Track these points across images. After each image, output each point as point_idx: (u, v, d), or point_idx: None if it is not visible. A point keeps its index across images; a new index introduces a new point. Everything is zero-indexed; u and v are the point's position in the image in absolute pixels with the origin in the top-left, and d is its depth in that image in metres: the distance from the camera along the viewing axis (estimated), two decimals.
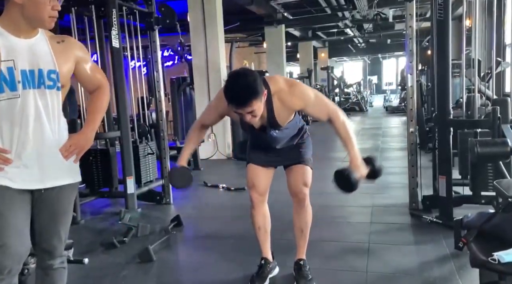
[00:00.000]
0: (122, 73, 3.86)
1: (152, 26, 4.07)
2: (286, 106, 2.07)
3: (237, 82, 1.90)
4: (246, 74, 1.93)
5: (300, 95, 2.05)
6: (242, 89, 1.88)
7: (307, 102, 2.06)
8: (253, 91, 1.88)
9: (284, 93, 2.05)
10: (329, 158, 6.76)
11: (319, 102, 2.08)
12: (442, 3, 2.97)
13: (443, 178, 3.12)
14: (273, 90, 2.03)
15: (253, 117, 1.95)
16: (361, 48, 20.27)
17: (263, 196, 2.38)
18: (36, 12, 1.43)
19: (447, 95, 3.05)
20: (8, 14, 1.45)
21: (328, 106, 2.08)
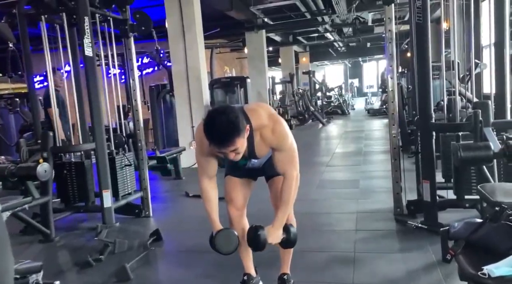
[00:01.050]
0: (96, 82, 3.73)
1: (126, 33, 3.95)
2: (266, 143, 2.01)
3: (218, 121, 1.79)
4: (226, 112, 1.82)
5: (279, 136, 1.99)
6: (224, 128, 1.77)
7: (281, 146, 2.01)
8: (236, 129, 1.79)
9: (266, 130, 1.98)
10: (313, 163, 6.70)
11: (289, 154, 2.03)
12: (421, 7, 2.94)
13: (427, 182, 3.08)
14: (255, 125, 1.96)
15: (236, 155, 1.87)
16: (341, 52, 20.45)
17: (241, 210, 2.28)
18: None
19: (428, 98, 3.01)
20: None
21: (292, 164, 2.03)
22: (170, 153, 5.63)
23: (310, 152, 7.96)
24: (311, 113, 13.38)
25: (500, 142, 2.63)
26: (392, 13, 3.37)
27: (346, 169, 6.05)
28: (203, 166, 2.09)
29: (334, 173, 5.81)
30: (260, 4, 8.67)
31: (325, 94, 16.80)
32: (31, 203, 3.30)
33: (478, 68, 4.12)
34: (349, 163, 6.52)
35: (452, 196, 3.20)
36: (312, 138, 10.46)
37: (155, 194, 4.87)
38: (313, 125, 12.98)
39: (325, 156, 7.43)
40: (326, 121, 13.22)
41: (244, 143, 1.86)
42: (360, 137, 9.45)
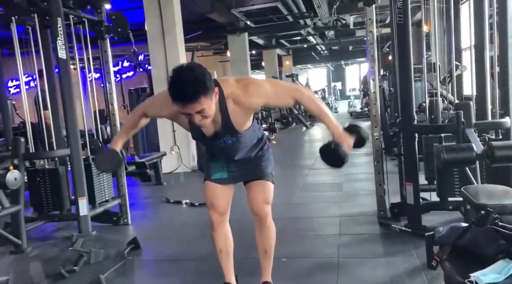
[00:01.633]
0: (70, 86, 3.58)
1: (102, 35, 3.82)
2: (244, 108, 1.88)
3: (183, 76, 1.66)
4: (193, 67, 1.69)
5: (256, 93, 1.87)
6: (189, 83, 1.63)
7: (267, 96, 1.89)
8: (202, 86, 1.65)
9: (239, 96, 1.85)
10: (296, 166, 6.65)
11: (279, 90, 1.92)
12: (402, 7, 2.91)
13: (410, 185, 3.04)
14: (226, 93, 1.84)
15: (203, 119, 1.73)
16: (324, 55, 20.56)
17: (224, 215, 2.19)
18: None
19: (410, 100, 2.98)
20: None
21: (288, 89, 1.95)
22: (150, 158, 5.49)
23: (293, 155, 7.91)
24: (295, 116, 13.37)
25: (482, 143, 2.61)
26: (373, 14, 3.33)
27: (329, 172, 6.00)
28: (151, 106, 2.05)
29: (317, 176, 5.76)
30: (242, 7, 8.61)
31: None
32: (1, 212, 3.14)
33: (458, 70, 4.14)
34: None
35: (436, 199, 3.17)
36: (295, 142, 10.44)
37: (134, 200, 4.73)
38: (297, 128, 12.96)
39: (309, 159, 7.39)
40: (310, 124, 13.22)
41: (212, 107, 1.73)
42: None
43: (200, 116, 1.71)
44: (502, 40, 2.97)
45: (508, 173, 2.80)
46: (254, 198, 2.14)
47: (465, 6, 5.05)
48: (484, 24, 3.08)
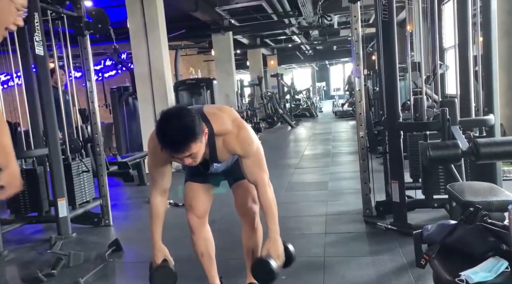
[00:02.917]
0: (48, 84, 3.47)
1: (82, 31, 3.71)
2: (229, 149, 1.88)
3: (171, 124, 1.64)
4: (180, 114, 1.66)
5: (243, 142, 1.87)
6: (178, 133, 1.63)
7: (248, 152, 1.89)
8: (191, 133, 1.64)
9: (230, 137, 1.86)
10: (282, 165, 6.61)
11: (257, 158, 1.92)
12: (387, 4, 2.89)
13: (395, 182, 3.03)
14: (217, 130, 1.83)
15: (193, 161, 1.73)
16: (309, 55, 20.61)
17: (203, 218, 2.13)
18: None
19: (395, 97, 2.97)
20: None
21: (261, 169, 1.93)
22: (132, 158, 5.38)
23: (279, 154, 7.88)
24: (280, 116, 13.36)
25: (467, 140, 2.61)
26: (358, 11, 3.32)
27: (315, 171, 5.99)
28: (156, 179, 1.94)
29: (303, 175, 5.74)
30: (226, 5, 8.54)
31: (294, 97, 16.87)
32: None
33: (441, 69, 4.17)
34: (317, 165, 6.48)
35: (421, 196, 3.17)
36: (281, 141, 10.41)
37: (116, 201, 4.62)
38: (282, 128, 12.96)
39: (294, 158, 7.37)
40: (295, 124, 13.23)
41: (202, 147, 1.72)
42: (328, 139, 9.48)
43: (190, 159, 1.71)
44: (486, 39, 2.98)
45: (493, 170, 2.82)
46: (242, 198, 2.09)
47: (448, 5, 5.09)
48: (467, 23, 3.09)
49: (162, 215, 1.98)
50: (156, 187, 1.95)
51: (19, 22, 1.14)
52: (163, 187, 1.95)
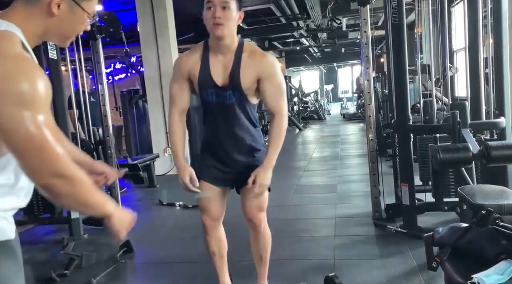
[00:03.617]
0: (61, 87, 3.54)
1: (94, 35, 3.77)
2: (253, 66, 1.89)
3: None
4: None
5: (270, 61, 1.92)
6: None
7: (272, 73, 1.91)
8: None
9: (256, 53, 1.92)
10: (290, 168, 6.62)
11: (280, 87, 1.95)
12: (396, 7, 2.90)
13: (405, 185, 3.03)
14: (245, 46, 1.91)
15: (223, 18, 1.78)
16: (317, 57, 20.62)
17: (217, 221, 2.12)
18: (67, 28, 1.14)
19: (405, 100, 2.97)
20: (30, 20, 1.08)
21: (283, 98, 1.96)
22: (143, 160, 5.43)
23: (287, 157, 7.88)
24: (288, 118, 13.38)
25: (478, 143, 2.60)
26: (367, 14, 3.33)
27: (324, 174, 5.99)
28: (175, 96, 2.00)
29: (312, 177, 5.74)
30: None
31: (301, 99, 16.87)
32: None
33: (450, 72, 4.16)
34: (326, 167, 6.47)
35: (431, 199, 3.16)
36: (289, 143, 10.42)
37: (127, 203, 4.67)
38: (290, 130, 12.96)
39: (302, 161, 7.37)
40: (303, 126, 13.23)
41: (235, 17, 1.81)
42: (337, 142, 9.47)
43: (223, 12, 1.78)
44: (497, 41, 2.97)
45: (504, 173, 2.80)
46: (248, 205, 2.07)
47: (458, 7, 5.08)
48: (478, 25, 3.08)
49: (183, 133, 2.02)
50: (175, 105, 2.00)
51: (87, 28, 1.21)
52: (181, 106, 2.00)
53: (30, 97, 0.97)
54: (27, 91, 0.96)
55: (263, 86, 1.92)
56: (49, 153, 1.00)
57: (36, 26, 1.08)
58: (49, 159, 1.00)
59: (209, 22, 1.82)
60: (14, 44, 1.01)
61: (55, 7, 1.07)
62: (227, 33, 1.83)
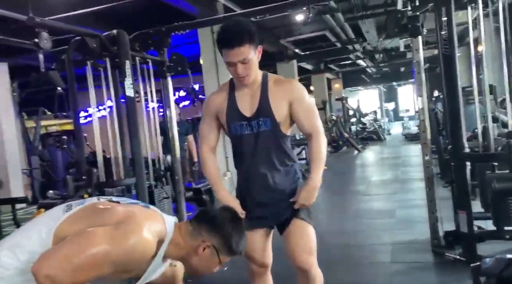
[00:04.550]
0: (136, 120, 3.96)
1: (164, 74, 4.20)
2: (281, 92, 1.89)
3: (231, 23, 1.86)
4: (240, 19, 1.90)
5: (298, 86, 1.95)
6: (235, 27, 1.79)
7: (301, 96, 1.91)
8: (247, 31, 1.78)
9: (281, 80, 1.97)
10: (348, 192, 6.65)
11: (312, 108, 1.96)
12: (447, 38, 2.98)
13: (463, 213, 3.02)
14: (270, 76, 1.95)
15: (246, 70, 1.81)
16: (375, 77, 20.35)
17: (266, 267, 2.05)
18: (201, 267, 1.51)
19: (459, 130, 3.00)
20: (180, 241, 1.47)
21: (317, 118, 1.96)
22: (205, 184, 5.77)
23: (345, 180, 7.90)
24: (346, 140, 13.30)
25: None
26: (419, 44, 3.42)
27: (383, 198, 5.96)
28: (204, 134, 2.04)
29: (370, 202, 5.73)
30: (290, 37, 8.90)
31: (360, 120, 16.69)
32: None
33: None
34: (385, 191, 6.42)
35: (492, 227, 3.11)
36: (347, 166, 10.37)
37: None
38: (348, 152, 12.87)
39: (361, 184, 7.35)
40: (361, 148, 13.08)
41: (255, 60, 1.82)
42: (397, 164, 9.29)
43: (243, 66, 1.80)
44: None
45: None
46: (295, 250, 1.91)
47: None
48: None
49: (216, 167, 2.05)
50: (205, 143, 2.03)
51: (213, 271, 1.54)
52: (211, 144, 2.04)
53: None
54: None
55: (295, 109, 1.91)
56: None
57: (180, 249, 1.44)
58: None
59: (233, 75, 1.90)
60: (153, 235, 1.36)
61: (201, 249, 1.43)
62: (253, 78, 1.88)
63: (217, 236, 1.46)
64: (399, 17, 3.20)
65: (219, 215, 1.56)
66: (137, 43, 4.20)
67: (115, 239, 1.25)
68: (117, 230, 1.27)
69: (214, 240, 1.46)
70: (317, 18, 7.45)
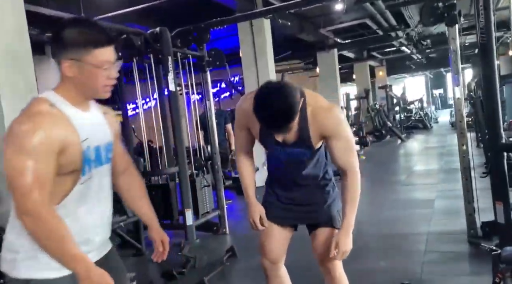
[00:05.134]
0: (178, 113, 4.20)
1: (204, 68, 4.41)
2: (318, 124, 1.77)
3: (273, 103, 1.59)
4: (283, 93, 1.60)
5: (335, 119, 1.78)
6: (280, 114, 1.60)
7: (339, 131, 1.78)
8: (292, 115, 1.61)
9: (320, 109, 1.78)
10: (388, 182, 6.61)
11: (348, 144, 1.81)
12: (484, 27, 2.93)
13: (499, 204, 2.99)
14: (309, 100, 1.77)
15: (291, 134, 1.75)
16: (421, 63, 19.62)
17: (278, 263, 2.01)
18: (88, 83, 1.29)
19: (496, 119, 2.96)
20: (63, 85, 1.31)
21: (353, 154, 1.85)
22: None
23: (385, 170, 7.83)
24: (389, 129, 13.04)
25: None
26: (456, 33, 3.38)
27: (423, 188, 5.89)
28: (239, 140, 1.99)
29: (410, 192, 5.70)
30: (330, 26, 8.84)
31: (404, 108, 16.25)
32: (126, 221, 3.82)
33: None
34: (426, 181, 6.33)
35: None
36: (388, 155, 10.22)
37: (232, 212, 5.22)
38: (391, 141, 12.64)
39: (402, 174, 7.28)
40: (405, 137, 12.79)
41: (296, 120, 1.67)
42: (442, 153, 9.05)
43: (288, 134, 1.73)
44: None
45: None
46: (323, 252, 1.92)
47: None
48: None
49: (251, 172, 2.00)
50: (241, 148, 1.99)
51: (112, 75, 1.31)
52: (245, 149, 1.98)
53: (25, 145, 1.17)
54: (25, 141, 1.18)
55: (330, 144, 1.81)
56: (20, 195, 1.18)
57: (69, 90, 1.28)
58: (20, 200, 1.19)
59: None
60: (40, 104, 1.24)
61: (67, 70, 1.24)
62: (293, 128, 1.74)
63: (67, 48, 1.24)
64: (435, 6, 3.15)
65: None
66: (179, 39, 4.43)
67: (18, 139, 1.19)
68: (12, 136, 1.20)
69: (69, 54, 1.24)
70: (357, 7, 7.38)
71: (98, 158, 1.34)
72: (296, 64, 13.74)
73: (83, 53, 1.24)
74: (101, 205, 1.40)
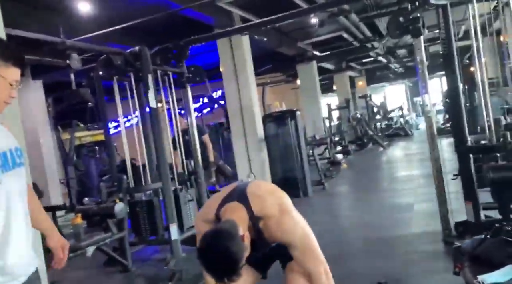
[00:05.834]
0: (159, 129, 4.29)
1: (184, 84, 4.52)
2: (271, 235, 1.76)
3: (213, 256, 1.60)
4: (222, 247, 1.57)
5: (285, 230, 1.74)
6: (220, 267, 1.58)
7: (292, 243, 1.75)
8: (234, 271, 1.57)
9: (271, 221, 1.74)
10: (370, 189, 6.76)
11: (306, 250, 1.75)
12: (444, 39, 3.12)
13: (469, 203, 3.15)
14: (257, 212, 1.74)
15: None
16: (399, 72, 20.13)
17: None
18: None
19: (461, 122, 3.13)
20: None
21: (313, 258, 1.76)
22: None
23: (367, 177, 7.99)
24: (370, 137, 13.29)
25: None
26: (421, 44, 3.56)
27: (403, 193, 6.05)
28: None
29: (391, 198, 5.85)
30: (308, 39, 9.09)
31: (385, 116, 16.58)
32: (111, 238, 3.85)
33: None
34: (407, 186, 6.50)
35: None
36: (370, 163, 10.41)
37: None
38: (373, 149, 12.87)
39: (383, 181, 7.45)
40: (387, 144, 13.04)
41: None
42: (422, 159, 9.24)
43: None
44: None
45: None
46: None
47: None
48: None
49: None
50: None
51: (13, 95, 1.33)
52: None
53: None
54: None
55: (289, 250, 1.78)
56: None
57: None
58: None
59: None
60: None
61: None
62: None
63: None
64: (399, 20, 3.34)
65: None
66: (158, 57, 4.54)
67: None
68: None
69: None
70: (332, 20, 7.62)
71: (5, 163, 1.34)
72: (277, 76, 13.97)
73: (1, 65, 1.30)
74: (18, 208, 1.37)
